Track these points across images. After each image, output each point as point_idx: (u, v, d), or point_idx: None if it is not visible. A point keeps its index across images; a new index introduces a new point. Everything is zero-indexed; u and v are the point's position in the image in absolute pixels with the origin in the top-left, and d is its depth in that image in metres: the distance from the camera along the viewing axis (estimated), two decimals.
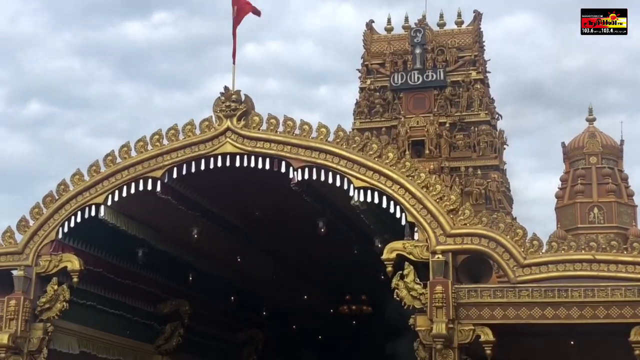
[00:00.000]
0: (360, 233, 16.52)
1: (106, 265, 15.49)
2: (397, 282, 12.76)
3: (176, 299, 17.91)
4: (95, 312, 15.76)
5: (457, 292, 12.49)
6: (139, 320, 17.27)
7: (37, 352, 13.84)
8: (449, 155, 22.40)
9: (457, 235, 12.80)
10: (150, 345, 17.57)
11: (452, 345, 12.33)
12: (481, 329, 12.32)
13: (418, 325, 12.56)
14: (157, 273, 17.27)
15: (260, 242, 18.46)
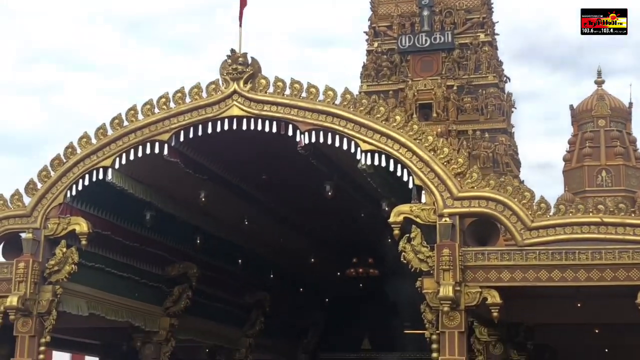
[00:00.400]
0: (368, 196, 16.52)
1: (114, 228, 15.54)
2: (404, 245, 12.77)
3: (184, 262, 17.99)
4: (103, 275, 15.84)
5: (464, 255, 12.51)
6: (147, 283, 17.35)
7: (47, 314, 13.94)
8: (456, 119, 22.34)
9: (464, 198, 12.78)
10: (158, 307, 17.67)
11: (459, 308, 12.37)
12: (488, 291, 12.34)
13: (425, 288, 12.59)
14: (165, 236, 17.32)
15: (267, 206, 18.48)
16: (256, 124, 13.78)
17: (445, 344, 12.31)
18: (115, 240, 15.70)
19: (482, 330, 15.93)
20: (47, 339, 14.00)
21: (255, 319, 21.88)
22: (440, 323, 12.39)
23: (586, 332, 16.30)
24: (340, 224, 19.24)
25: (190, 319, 18.61)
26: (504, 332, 15.97)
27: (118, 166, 14.17)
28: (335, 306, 25.26)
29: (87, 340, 21.09)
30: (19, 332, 13.86)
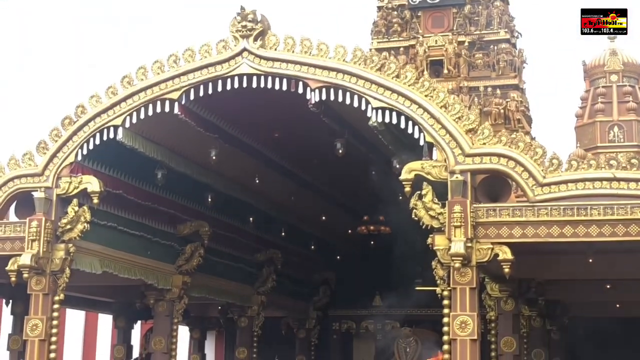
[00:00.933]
0: (379, 154, 16.50)
1: (126, 186, 15.58)
2: (415, 202, 12.75)
3: (196, 220, 18.06)
4: (116, 233, 15.93)
5: (475, 212, 12.50)
6: (160, 241, 17.44)
7: (60, 272, 14.04)
8: (467, 75, 22.21)
9: (475, 154, 12.74)
10: (171, 265, 17.79)
11: (470, 264, 12.38)
12: (499, 247, 12.34)
13: (436, 245, 12.60)
14: (177, 195, 17.37)
15: (278, 164, 18.49)
16: (266, 82, 13.72)
17: (457, 300, 12.34)
18: (127, 199, 15.75)
19: (494, 286, 16.01)
20: (61, 297, 14.11)
21: (266, 276, 22.01)
22: (452, 279, 12.41)
23: (597, 288, 16.34)
24: (351, 182, 19.25)
25: (202, 276, 18.74)
26: (515, 288, 16.05)
27: (128, 125, 14.15)
28: (347, 264, 25.36)
29: (100, 299, 21.31)
30: (32, 290, 13.97)
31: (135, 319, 22.72)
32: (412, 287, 20.34)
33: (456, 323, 12.23)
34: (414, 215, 12.74)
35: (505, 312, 16.21)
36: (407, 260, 21.03)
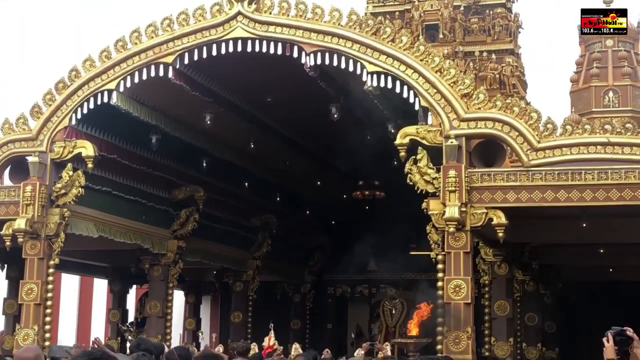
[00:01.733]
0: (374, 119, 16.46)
1: (120, 151, 15.56)
2: (410, 167, 12.74)
3: (190, 185, 18.06)
4: (111, 198, 15.93)
5: (470, 176, 12.49)
6: (155, 206, 17.46)
7: (55, 237, 14.06)
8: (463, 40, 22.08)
9: (470, 119, 12.71)
10: (166, 230, 17.82)
11: (465, 228, 12.40)
12: (494, 212, 12.36)
13: (431, 209, 12.60)
14: (172, 159, 17.37)
15: (273, 129, 18.45)
16: (261, 46, 13.62)
17: (451, 264, 12.38)
18: (122, 163, 15.73)
19: (488, 250, 16.06)
20: (56, 261, 14.14)
21: (262, 241, 22.07)
22: (446, 244, 12.44)
23: (591, 253, 16.41)
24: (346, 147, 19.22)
25: (197, 241, 18.78)
26: (509, 253, 16.11)
27: (123, 89, 14.08)
28: (341, 229, 25.43)
29: (96, 263, 21.36)
30: (27, 254, 13.99)
31: (131, 284, 22.82)
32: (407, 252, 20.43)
33: (450, 287, 12.28)
34: (408, 180, 12.73)
35: (499, 277, 16.29)
36: (402, 225, 21.10)
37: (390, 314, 22.38)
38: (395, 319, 22.28)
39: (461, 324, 12.16)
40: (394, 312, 22.32)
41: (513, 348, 16.27)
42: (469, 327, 12.18)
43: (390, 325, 22.23)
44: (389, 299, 22.50)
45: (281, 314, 24.82)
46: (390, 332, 21.93)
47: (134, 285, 23.37)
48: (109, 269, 21.94)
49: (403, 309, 22.19)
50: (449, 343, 12.11)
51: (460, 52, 21.81)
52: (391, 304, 22.42)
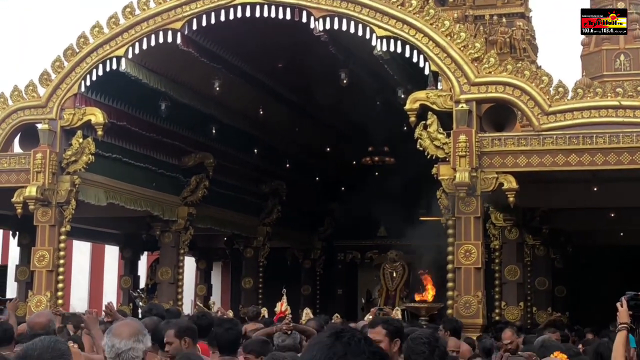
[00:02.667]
0: (384, 84, 16.38)
1: (130, 118, 15.54)
2: (420, 132, 12.69)
3: (200, 152, 18.06)
4: (120, 165, 15.95)
5: (480, 141, 12.45)
6: (165, 173, 17.49)
7: (66, 204, 14.10)
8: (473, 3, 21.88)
9: (481, 83, 12.63)
10: (176, 197, 17.86)
11: (475, 194, 12.38)
12: (504, 176, 12.33)
13: (441, 174, 12.58)
14: (181, 126, 17.35)
15: (282, 95, 18.40)
16: (269, 11, 13.52)
17: (461, 229, 12.39)
18: (132, 130, 15.72)
19: (498, 215, 16.05)
20: (67, 228, 14.20)
21: (271, 207, 22.11)
22: (456, 209, 12.43)
23: (601, 217, 16.38)
24: (356, 112, 19.16)
25: (207, 207, 18.83)
26: (520, 217, 16.10)
27: (131, 56, 14.03)
28: (351, 195, 25.42)
29: (107, 230, 21.44)
30: (39, 221, 14.05)
31: (142, 250, 22.93)
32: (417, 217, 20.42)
33: (460, 252, 12.30)
34: (418, 145, 12.69)
35: (510, 241, 16.29)
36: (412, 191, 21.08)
37: (390, 277, 22.05)
38: (396, 282, 21.90)
39: (471, 289, 12.19)
40: (394, 275, 21.97)
41: (523, 312, 16.31)
42: (479, 291, 12.21)
43: (391, 288, 21.89)
44: (390, 262, 22.13)
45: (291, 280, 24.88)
46: (391, 295, 21.70)
47: (145, 252, 23.49)
48: (120, 236, 22.03)
49: (404, 272, 21.92)
50: (459, 307, 12.15)
51: (470, 16, 21.61)
52: (392, 267, 22.09)
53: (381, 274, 22.28)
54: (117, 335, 4.04)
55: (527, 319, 16.73)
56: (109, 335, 4.07)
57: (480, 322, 12.10)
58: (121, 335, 4.04)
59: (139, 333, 4.07)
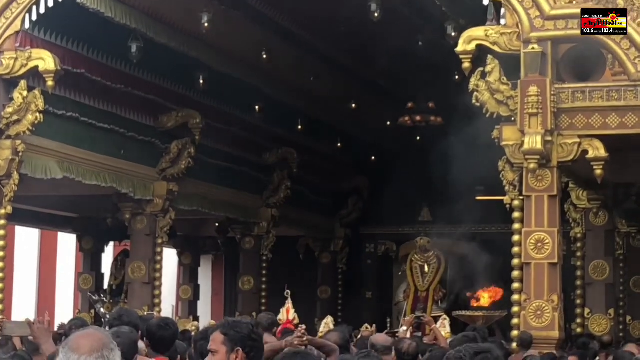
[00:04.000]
0: (427, 18, 16.38)
1: (90, 64, 15.59)
2: (476, 83, 12.72)
3: (183, 109, 18.09)
4: (78, 126, 15.99)
5: (557, 94, 12.43)
6: (136, 137, 17.51)
7: (6, 178, 14.12)
8: None
9: (559, 17, 12.61)
10: (152, 168, 17.90)
11: (550, 165, 12.40)
12: (589, 142, 12.32)
13: (505, 139, 12.62)
14: (158, 75, 17.39)
15: (293, 34, 18.39)
16: None
17: (531, 212, 12.40)
18: (93, 80, 15.76)
19: (581, 193, 16.06)
20: (8, 210, 14.27)
21: (278, 183, 22.14)
22: (525, 185, 12.46)
23: None
24: (391, 57, 19.15)
25: (193, 183, 18.88)
26: (610, 196, 16.09)
27: None
28: (384, 167, 25.43)
29: (60, 213, 21.56)
30: None
31: (107, 240, 23.03)
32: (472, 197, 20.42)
33: (530, 242, 12.31)
34: (475, 100, 12.70)
35: (596, 228, 16.30)
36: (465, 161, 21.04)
37: (420, 272, 21.49)
38: (428, 279, 21.47)
39: (545, 291, 12.21)
40: (426, 270, 21.47)
41: (614, 322, 16.33)
42: (555, 295, 12.23)
43: (421, 288, 21.43)
44: (420, 252, 21.73)
45: (305, 280, 25.02)
46: (421, 297, 21.43)
47: (110, 242, 23.61)
48: (77, 221, 22.13)
49: (439, 266, 21.48)
50: (528, 316, 12.18)
51: None
52: (422, 258, 21.62)
53: (408, 268, 21.88)
54: (74, 349, 4.05)
55: (619, 332, 16.75)
56: (64, 350, 4.08)
57: (557, 336, 12.14)
58: (80, 350, 4.04)
59: (103, 347, 4.08)
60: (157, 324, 7.98)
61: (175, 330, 8.02)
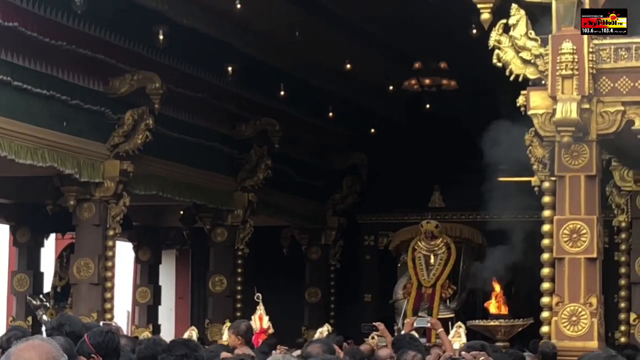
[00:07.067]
0: None
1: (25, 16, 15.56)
2: (498, 38, 12.75)
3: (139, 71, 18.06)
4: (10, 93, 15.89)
5: (596, 51, 12.47)
6: (82, 106, 17.47)
7: None
8: None
9: None
10: (101, 144, 17.90)
11: (588, 138, 12.42)
12: (636, 110, 12.35)
13: (532, 107, 12.65)
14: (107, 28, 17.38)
15: None
16: None
17: (565, 195, 12.44)
18: (28, 36, 15.73)
19: (626, 173, 16.07)
20: None
21: (257, 162, 22.13)
22: (557, 163, 12.49)
23: None
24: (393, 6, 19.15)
25: (152, 162, 18.91)
26: None
27: None
28: (386, 141, 25.46)
29: None
30: None
31: (47, 232, 23.04)
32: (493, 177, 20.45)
33: (564, 232, 12.35)
34: (496, 60, 12.72)
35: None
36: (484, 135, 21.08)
37: (425, 263, 21.38)
38: (435, 272, 21.45)
39: (581, 293, 12.24)
40: (432, 262, 21.43)
41: None
42: (594, 296, 12.27)
43: (426, 283, 21.39)
44: (425, 239, 21.66)
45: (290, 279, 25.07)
46: (425, 295, 21.37)
47: (51, 235, 23.62)
48: (10, 209, 22.13)
49: (449, 256, 21.46)
50: (561, 323, 12.22)
51: None
52: (428, 247, 21.52)
53: (410, 259, 21.81)
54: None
55: None
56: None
57: (595, 347, 12.15)
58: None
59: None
60: None
61: None
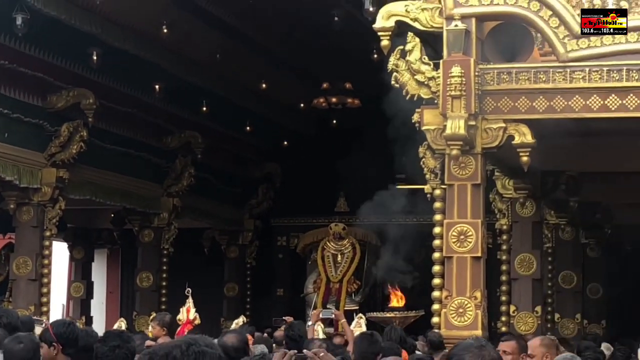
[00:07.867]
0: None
1: None
2: (396, 62, 12.75)
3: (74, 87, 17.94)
4: None
5: (482, 75, 12.51)
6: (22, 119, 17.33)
7: None
8: None
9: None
10: (39, 153, 17.77)
11: (474, 151, 12.46)
12: (515, 127, 12.41)
13: (426, 123, 12.66)
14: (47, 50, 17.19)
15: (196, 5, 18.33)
16: None
17: (454, 201, 12.47)
18: None
19: (506, 182, 16.20)
20: None
21: (181, 170, 22.08)
22: (447, 173, 12.52)
23: None
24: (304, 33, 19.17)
25: (86, 170, 18.78)
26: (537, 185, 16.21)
27: None
28: (297, 152, 25.47)
29: None
30: None
31: None
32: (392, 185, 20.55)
33: (452, 234, 12.38)
34: (394, 81, 12.74)
35: (523, 219, 16.44)
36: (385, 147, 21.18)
37: (333, 261, 21.44)
38: (342, 269, 21.44)
39: (467, 288, 12.33)
40: (339, 260, 21.47)
41: (540, 320, 16.54)
42: (478, 291, 12.34)
43: (334, 278, 21.33)
44: (333, 239, 21.67)
45: (211, 276, 25.00)
46: (333, 289, 21.35)
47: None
48: None
49: (354, 255, 21.49)
50: (449, 314, 12.28)
51: None
52: (336, 246, 21.55)
53: (319, 257, 21.80)
54: None
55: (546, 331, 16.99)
56: None
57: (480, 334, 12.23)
58: None
59: None
60: None
61: None
